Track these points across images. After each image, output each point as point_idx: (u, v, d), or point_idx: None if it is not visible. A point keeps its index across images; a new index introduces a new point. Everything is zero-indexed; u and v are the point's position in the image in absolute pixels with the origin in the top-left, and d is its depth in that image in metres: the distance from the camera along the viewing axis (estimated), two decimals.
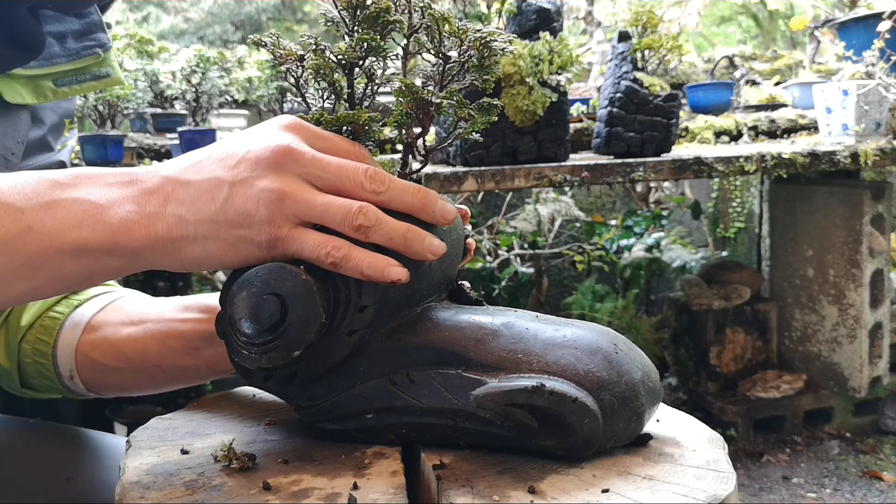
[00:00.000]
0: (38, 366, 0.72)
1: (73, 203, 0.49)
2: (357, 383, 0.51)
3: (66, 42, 0.74)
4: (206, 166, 0.49)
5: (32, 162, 0.76)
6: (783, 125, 2.41)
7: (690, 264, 2.91)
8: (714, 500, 0.44)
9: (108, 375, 0.71)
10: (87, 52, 0.75)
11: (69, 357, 0.71)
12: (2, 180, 0.49)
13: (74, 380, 0.72)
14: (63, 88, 0.74)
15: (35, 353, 0.72)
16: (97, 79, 0.77)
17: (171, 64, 2.04)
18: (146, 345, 0.68)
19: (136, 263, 0.50)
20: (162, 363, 0.68)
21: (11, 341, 0.73)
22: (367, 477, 0.47)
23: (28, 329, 0.73)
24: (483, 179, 1.67)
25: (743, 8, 5.94)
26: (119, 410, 2.14)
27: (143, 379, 0.71)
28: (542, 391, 0.46)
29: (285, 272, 0.48)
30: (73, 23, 0.74)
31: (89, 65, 0.76)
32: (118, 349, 0.69)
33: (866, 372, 2.33)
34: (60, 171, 0.51)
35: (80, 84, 0.75)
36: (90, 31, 0.76)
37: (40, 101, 0.73)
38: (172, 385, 0.72)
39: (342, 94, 0.55)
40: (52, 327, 0.72)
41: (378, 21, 0.53)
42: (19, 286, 0.49)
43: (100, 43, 0.76)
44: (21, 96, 0.71)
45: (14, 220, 0.47)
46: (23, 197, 0.48)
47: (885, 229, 2.32)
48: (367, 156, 0.53)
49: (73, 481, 0.73)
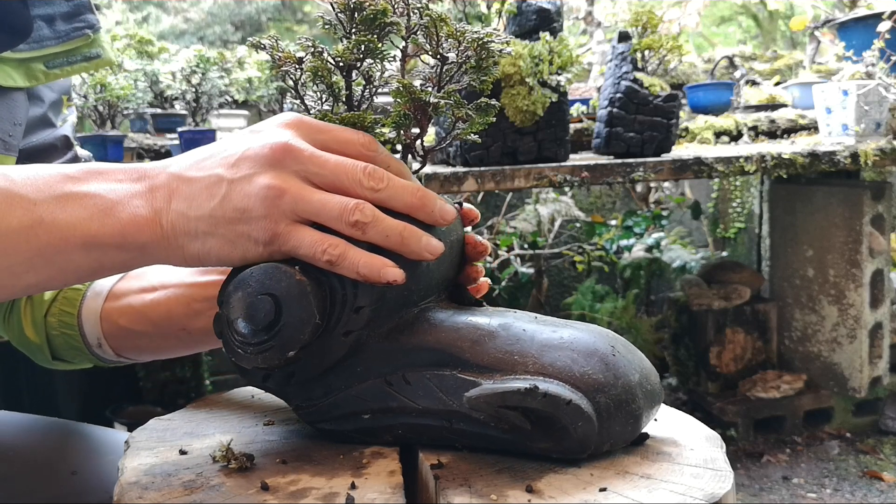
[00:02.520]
0: (65, 337, 0.74)
1: (84, 197, 0.50)
2: (354, 384, 0.51)
3: (55, 24, 0.74)
4: (208, 164, 0.50)
5: (36, 139, 0.77)
6: (783, 125, 2.41)
7: (690, 264, 2.91)
8: (711, 498, 0.44)
9: (136, 340, 0.72)
10: (77, 33, 0.76)
11: (95, 325, 0.73)
12: (15, 172, 0.50)
13: (103, 347, 0.73)
14: (54, 70, 0.75)
15: (61, 325, 0.74)
16: (88, 59, 0.77)
17: (171, 64, 2.05)
18: (171, 308, 0.69)
19: (143, 258, 0.51)
20: (188, 326, 0.69)
21: (37, 316, 0.75)
22: (365, 477, 0.47)
23: (52, 303, 0.74)
24: (483, 180, 1.67)
25: (743, 8, 5.94)
26: (119, 411, 2.14)
27: (171, 342, 0.72)
28: (535, 393, 0.46)
29: (280, 272, 0.48)
30: (62, 5, 0.75)
31: (79, 46, 0.76)
32: (143, 314, 0.70)
33: (866, 372, 2.33)
34: (73, 165, 0.52)
35: (71, 65, 0.76)
36: (79, 12, 0.76)
37: (32, 83, 0.73)
38: (203, 346, 0.72)
39: (340, 96, 0.55)
40: (74, 298, 0.74)
41: (375, 23, 0.53)
42: (29, 277, 0.50)
43: (89, 24, 0.77)
44: (13, 79, 0.71)
45: (26, 212, 0.48)
46: (35, 189, 0.49)
47: (885, 229, 2.32)
48: (372, 143, 0.52)
49: (77, 475, 0.73)
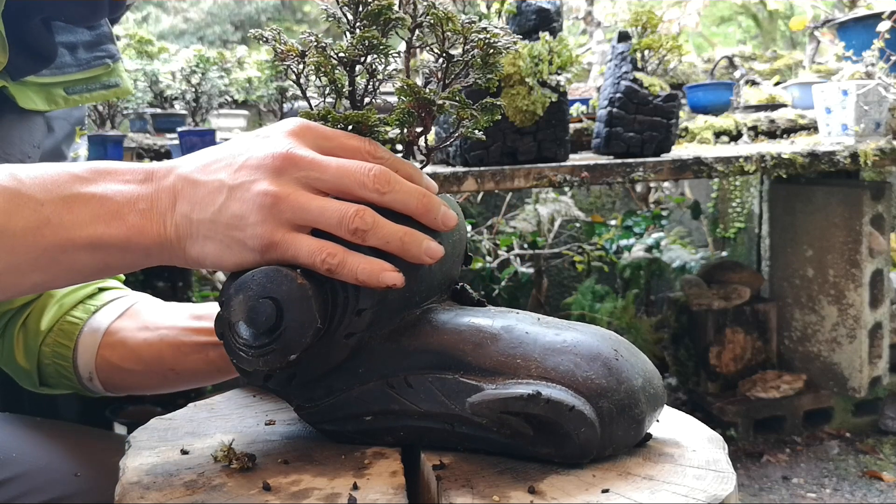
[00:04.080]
0: (57, 367, 0.76)
1: (91, 198, 0.50)
2: (356, 385, 0.51)
3: (77, 52, 0.77)
4: (213, 168, 0.51)
5: None
6: (783, 125, 2.41)
7: (690, 264, 2.91)
8: (714, 500, 0.44)
9: (125, 377, 0.75)
10: (98, 62, 0.79)
11: (89, 361, 0.75)
12: (23, 171, 0.51)
13: (94, 381, 0.76)
14: (74, 96, 0.77)
15: (55, 355, 0.76)
16: (106, 88, 0.80)
17: (170, 64, 2.04)
18: (161, 349, 0.73)
19: (147, 259, 0.52)
20: (176, 367, 0.73)
21: (31, 344, 0.77)
22: (367, 477, 0.47)
23: (48, 333, 0.76)
24: (483, 179, 1.67)
25: (743, 8, 5.93)
26: (119, 410, 2.13)
27: (157, 380, 0.76)
28: (538, 399, 0.46)
29: (281, 276, 0.48)
30: (84, 34, 0.78)
31: (99, 74, 0.79)
32: (136, 353, 0.74)
33: (866, 372, 2.33)
34: (80, 165, 0.53)
35: (90, 93, 0.79)
36: (100, 42, 0.79)
37: (52, 108, 0.76)
38: (184, 385, 0.76)
39: (343, 91, 0.55)
40: (71, 332, 0.76)
41: (380, 18, 0.53)
42: (35, 276, 0.51)
43: (109, 54, 0.80)
44: (34, 103, 0.74)
45: (33, 213, 0.49)
46: (43, 189, 0.50)
47: (884, 229, 2.32)
48: (378, 150, 0.52)
49: (79, 477, 0.74)
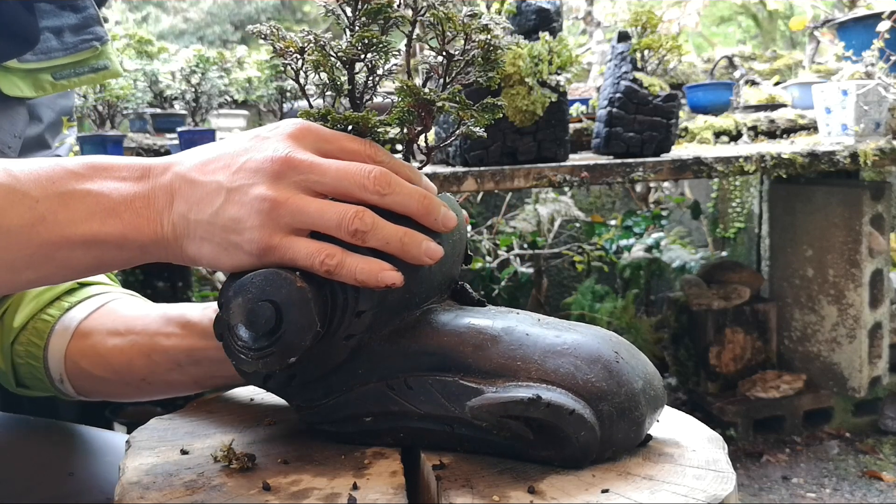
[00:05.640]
0: (30, 367, 0.72)
1: (86, 195, 0.50)
2: (356, 386, 0.51)
3: (64, 36, 0.75)
4: (212, 168, 0.50)
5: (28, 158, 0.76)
6: (783, 125, 2.41)
7: (690, 264, 2.91)
8: (714, 500, 0.44)
9: (96, 384, 0.71)
10: (85, 45, 0.76)
11: (59, 362, 0.71)
12: (18, 167, 0.50)
13: (65, 384, 0.71)
14: (62, 81, 0.75)
15: (27, 354, 0.72)
16: (95, 71, 0.78)
17: (170, 64, 2.04)
18: (132, 358, 0.68)
19: (143, 256, 0.52)
20: (148, 377, 0.68)
21: (4, 342, 0.73)
22: (367, 477, 0.47)
23: (21, 331, 0.72)
24: (482, 179, 1.66)
25: (743, 8, 5.93)
26: (119, 411, 2.14)
27: (131, 389, 0.71)
28: (538, 403, 0.46)
29: (280, 279, 0.48)
30: (70, 17, 0.76)
31: (87, 58, 0.77)
32: (106, 360, 0.69)
33: (866, 372, 2.33)
34: (76, 160, 0.52)
35: (78, 77, 0.77)
36: (87, 24, 0.77)
37: (39, 94, 0.74)
38: (162, 395, 0.71)
39: (342, 89, 0.55)
40: (43, 330, 0.71)
41: (379, 16, 0.53)
42: (29, 273, 0.51)
43: (97, 36, 0.77)
44: (19, 89, 0.72)
45: (28, 209, 0.49)
46: (38, 185, 0.49)
47: (884, 229, 2.32)
48: (378, 153, 0.52)
49: (74, 477, 0.73)
